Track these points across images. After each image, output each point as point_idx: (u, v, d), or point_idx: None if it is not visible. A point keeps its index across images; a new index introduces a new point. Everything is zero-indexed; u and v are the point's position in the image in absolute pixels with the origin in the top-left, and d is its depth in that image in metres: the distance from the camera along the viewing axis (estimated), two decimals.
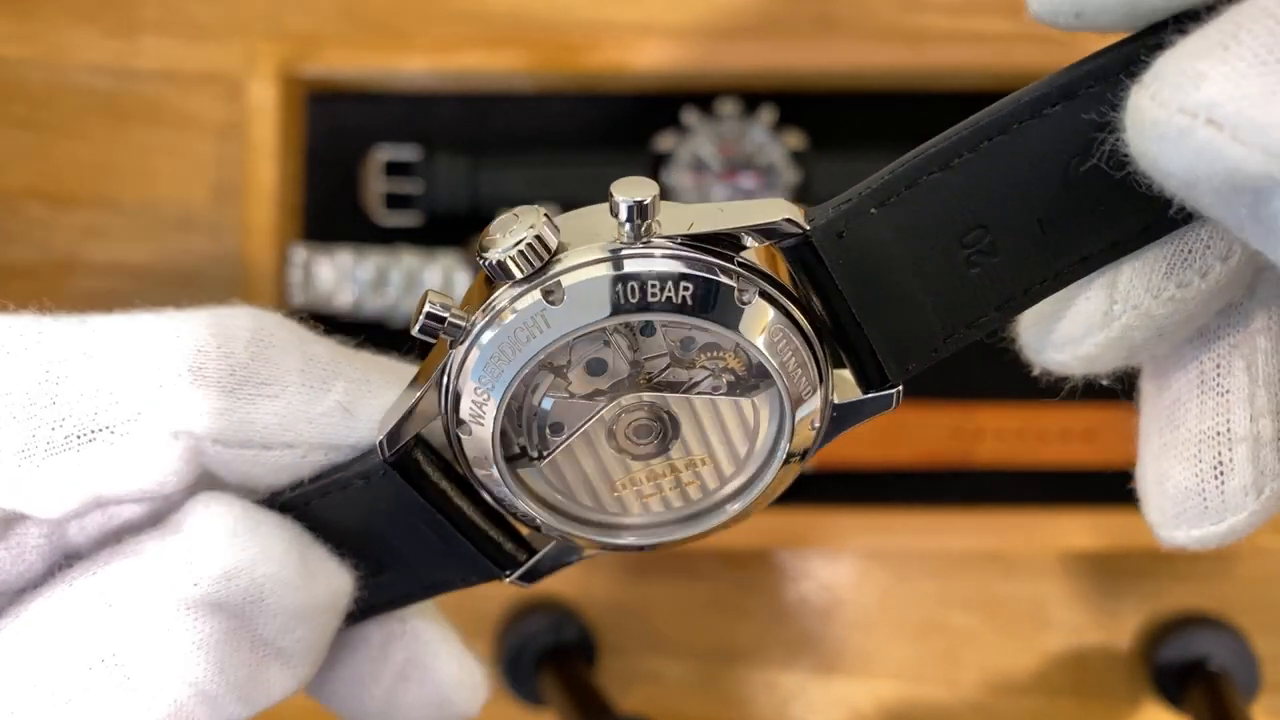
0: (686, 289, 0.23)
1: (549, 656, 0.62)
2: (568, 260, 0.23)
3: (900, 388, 0.26)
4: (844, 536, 0.62)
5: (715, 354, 0.25)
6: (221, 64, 0.64)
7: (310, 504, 0.26)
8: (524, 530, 0.28)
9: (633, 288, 0.23)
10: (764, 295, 0.24)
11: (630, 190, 0.23)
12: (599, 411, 0.25)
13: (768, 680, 0.66)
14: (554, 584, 0.66)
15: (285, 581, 0.24)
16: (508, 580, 0.28)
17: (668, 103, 0.62)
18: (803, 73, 0.60)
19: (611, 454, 0.26)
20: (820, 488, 0.62)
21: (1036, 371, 0.26)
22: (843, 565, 0.66)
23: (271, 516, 0.25)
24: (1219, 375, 0.25)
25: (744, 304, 0.24)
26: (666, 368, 0.25)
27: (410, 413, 0.25)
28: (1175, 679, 0.62)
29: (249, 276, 0.60)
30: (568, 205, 0.26)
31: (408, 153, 0.62)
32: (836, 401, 0.26)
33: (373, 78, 0.62)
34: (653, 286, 0.23)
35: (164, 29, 0.65)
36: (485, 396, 0.24)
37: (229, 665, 0.24)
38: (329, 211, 0.63)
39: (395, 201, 0.63)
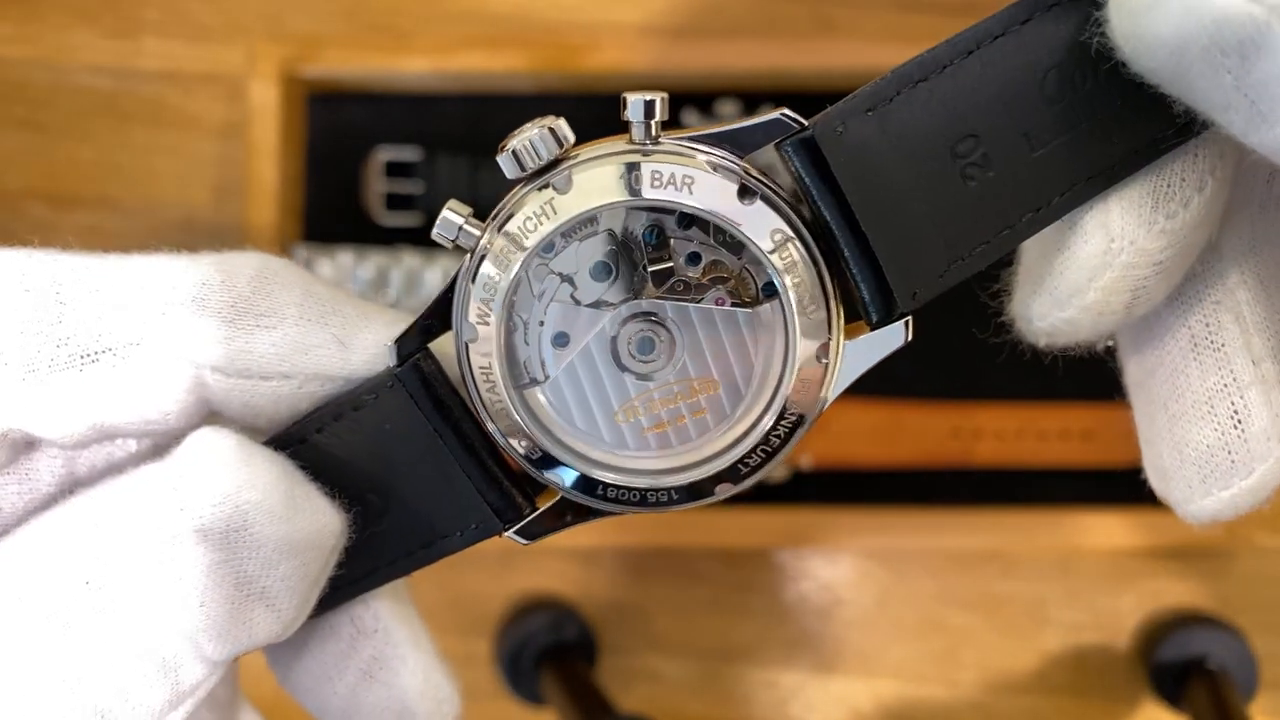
0: (689, 181, 0.24)
1: (549, 656, 0.62)
2: (580, 156, 0.25)
3: (909, 319, 0.26)
4: (844, 536, 0.62)
5: (721, 271, 0.26)
6: (223, 65, 0.64)
7: (323, 430, 0.27)
8: (534, 495, 0.28)
9: (636, 178, 0.25)
10: (766, 200, 0.25)
11: (640, 93, 0.25)
12: (604, 320, 0.26)
13: (767, 679, 0.66)
14: (554, 583, 0.66)
15: (270, 511, 0.24)
16: (507, 534, 0.28)
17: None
18: (803, 73, 0.60)
19: (615, 372, 0.26)
20: (820, 488, 0.63)
21: (1042, 343, 0.26)
22: (843, 565, 0.66)
23: (261, 449, 0.25)
24: (1210, 332, 0.25)
25: (747, 204, 0.25)
26: (671, 279, 0.26)
27: (420, 319, 0.26)
28: (1174, 678, 0.62)
29: None
30: None
31: (408, 153, 0.63)
32: (846, 341, 0.26)
33: (373, 78, 0.62)
34: (656, 177, 0.24)
35: (165, 30, 0.65)
36: (491, 294, 0.25)
37: (210, 599, 0.24)
38: (330, 212, 0.64)
39: (396, 202, 0.63)
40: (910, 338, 0.26)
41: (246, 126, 0.60)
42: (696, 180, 0.24)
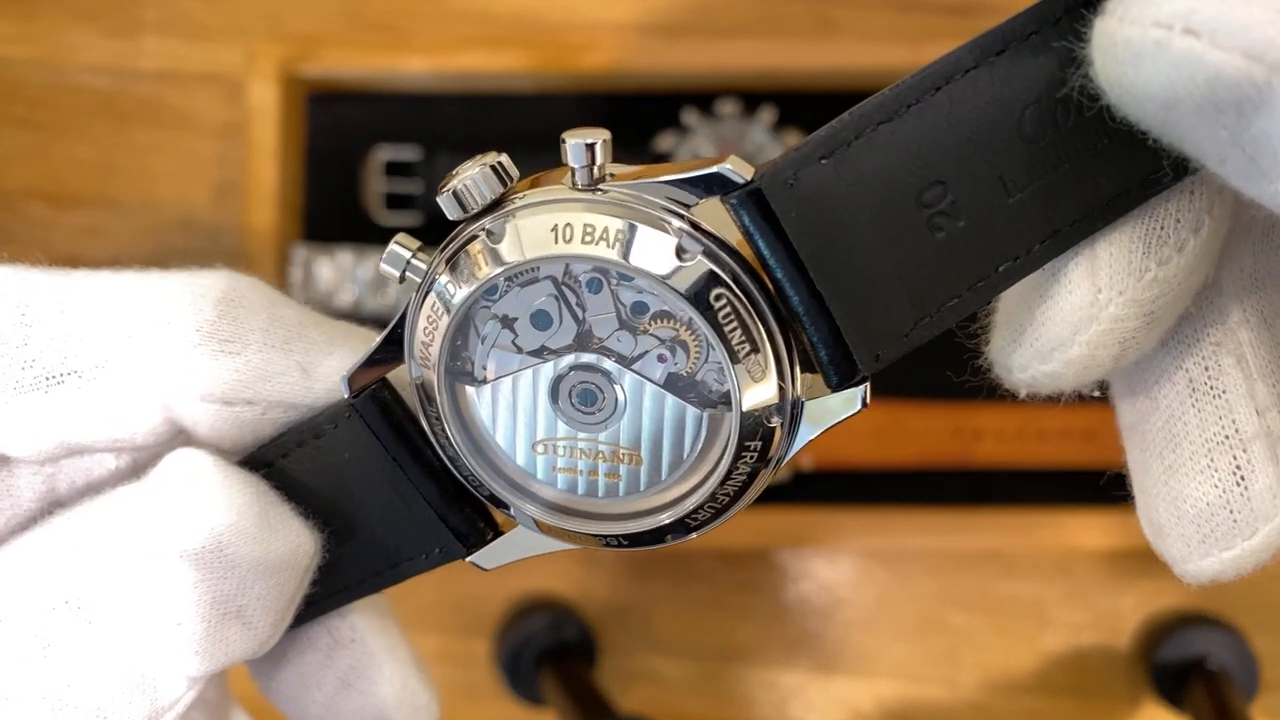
0: (622, 235, 0.23)
1: (549, 656, 0.62)
2: (519, 201, 0.24)
3: (867, 385, 0.24)
4: (844, 536, 0.62)
5: (669, 323, 0.24)
6: (222, 64, 0.64)
7: (288, 456, 0.27)
8: (496, 516, 0.28)
9: (569, 229, 0.23)
10: (709, 255, 0.23)
11: (581, 135, 0.23)
12: (536, 365, 0.25)
13: (768, 680, 0.66)
14: (554, 583, 0.66)
15: (244, 533, 0.25)
16: (469, 559, 0.28)
17: (668, 103, 0.62)
18: (803, 73, 0.60)
19: (549, 407, 0.25)
20: (820, 488, 0.63)
21: (1023, 392, 0.24)
22: (843, 565, 0.66)
23: (237, 471, 0.26)
24: (1209, 377, 0.23)
25: (684, 261, 0.23)
26: (614, 331, 0.24)
27: (372, 352, 0.26)
28: (1175, 678, 0.62)
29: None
30: None
31: (408, 153, 0.63)
32: (807, 400, 0.24)
33: (373, 78, 0.62)
34: (588, 232, 0.23)
35: (164, 29, 0.65)
36: (431, 337, 0.25)
37: (187, 618, 0.25)
38: (329, 211, 0.63)
39: (396, 202, 0.63)
40: (868, 403, 0.24)
41: (246, 126, 0.60)
42: (629, 236, 0.23)
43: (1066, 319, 0.22)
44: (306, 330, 0.27)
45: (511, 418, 0.25)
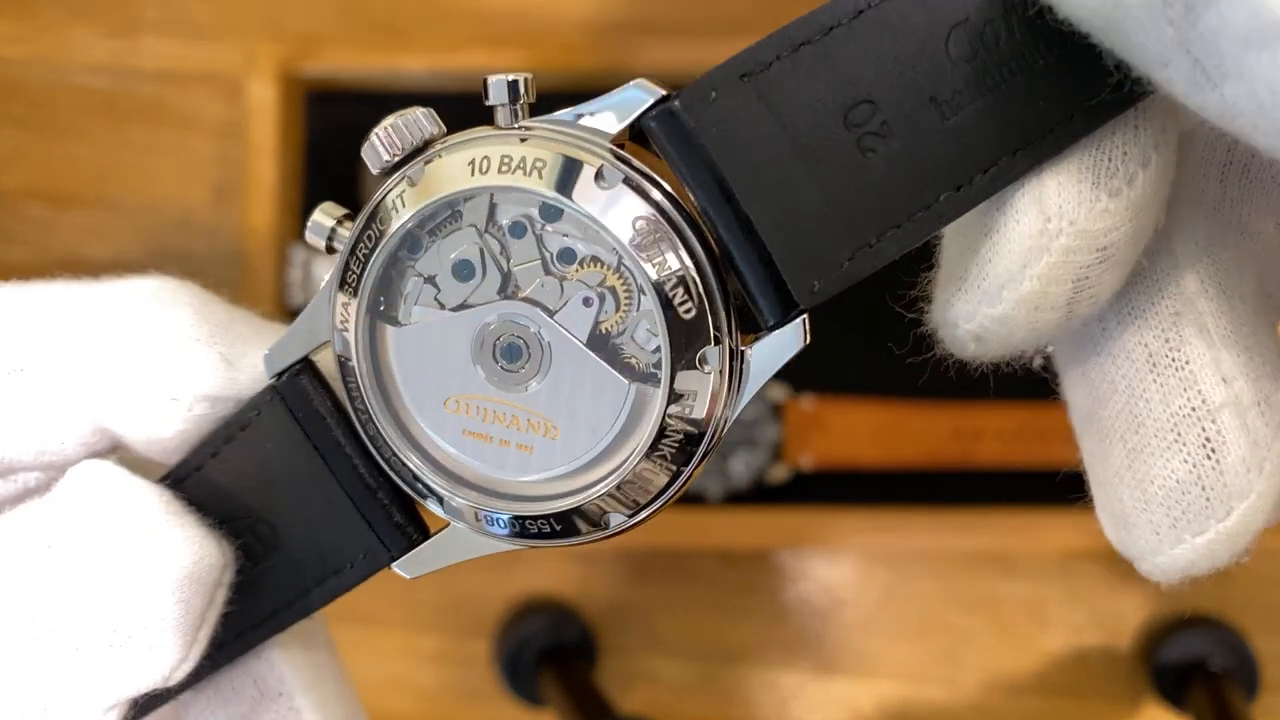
0: (540, 163, 0.22)
1: (549, 656, 0.62)
2: (439, 145, 0.23)
3: (805, 318, 0.22)
4: (844, 536, 0.62)
5: (597, 268, 0.23)
6: (221, 64, 0.64)
7: (217, 455, 0.26)
8: (427, 519, 0.26)
9: (485, 161, 0.22)
10: (629, 184, 0.22)
11: (503, 74, 0.23)
12: (460, 318, 0.23)
13: (768, 680, 0.66)
14: (554, 584, 0.66)
15: (143, 546, 0.24)
16: (395, 566, 0.26)
17: None
18: None
19: (469, 358, 0.24)
20: (820, 488, 0.62)
21: (970, 350, 0.23)
22: (843, 565, 0.66)
23: (139, 482, 0.25)
24: (1171, 349, 0.22)
25: (604, 188, 0.22)
26: (539, 279, 0.23)
27: (293, 329, 0.25)
28: (1176, 679, 0.62)
29: (248, 276, 0.60)
30: None
31: None
32: (741, 348, 0.23)
33: (373, 78, 0.62)
34: (505, 162, 0.22)
35: (164, 29, 0.65)
36: (350, 298, 0.24)
37: (85, 642, 0.23)
38: None
39: None
40: (810, 339, 0.22)
41: (245, 126, 0.60)
42: (548, 163, 0.22)
43: (1015, 250, 0.21)
44: (233, 325, 0.26)
45: (426, 368, 0.24)
